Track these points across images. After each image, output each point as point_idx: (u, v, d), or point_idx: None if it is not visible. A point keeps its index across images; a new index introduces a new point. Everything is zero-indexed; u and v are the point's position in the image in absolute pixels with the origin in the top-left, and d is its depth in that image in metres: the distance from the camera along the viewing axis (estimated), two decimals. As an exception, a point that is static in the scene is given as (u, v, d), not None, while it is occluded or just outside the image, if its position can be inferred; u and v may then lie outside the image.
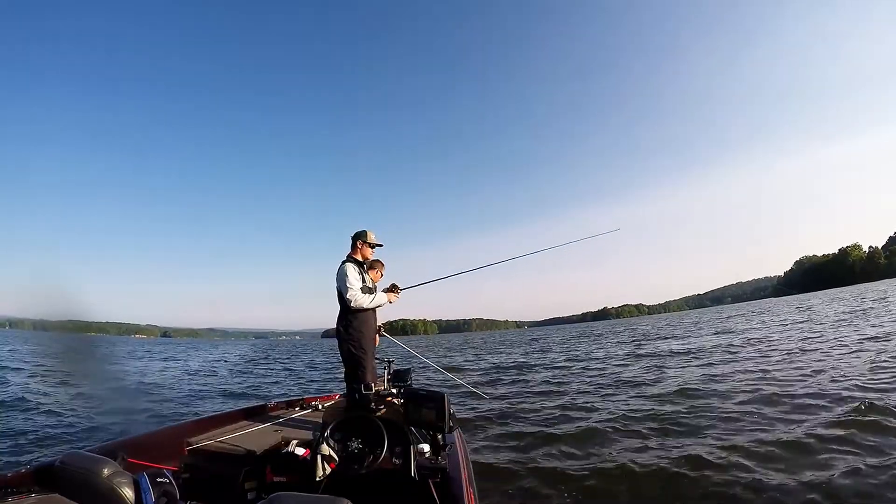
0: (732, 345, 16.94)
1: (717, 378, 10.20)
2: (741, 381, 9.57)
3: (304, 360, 28.75)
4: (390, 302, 4.86)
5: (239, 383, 15.96)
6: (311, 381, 16.54)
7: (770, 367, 10.68)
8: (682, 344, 20.16)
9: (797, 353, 12.66)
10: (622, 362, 15.77)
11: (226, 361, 27.64)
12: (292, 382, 16.21)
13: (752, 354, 13.58)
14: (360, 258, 4.76)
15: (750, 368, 10.98)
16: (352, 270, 4.54)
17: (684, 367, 12.92)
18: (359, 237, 4.78)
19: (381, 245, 4.90)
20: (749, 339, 18.00)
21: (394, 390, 4.72)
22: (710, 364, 12.65)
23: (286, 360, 28.96)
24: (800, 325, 21.59)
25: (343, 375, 4.98)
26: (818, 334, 16.73)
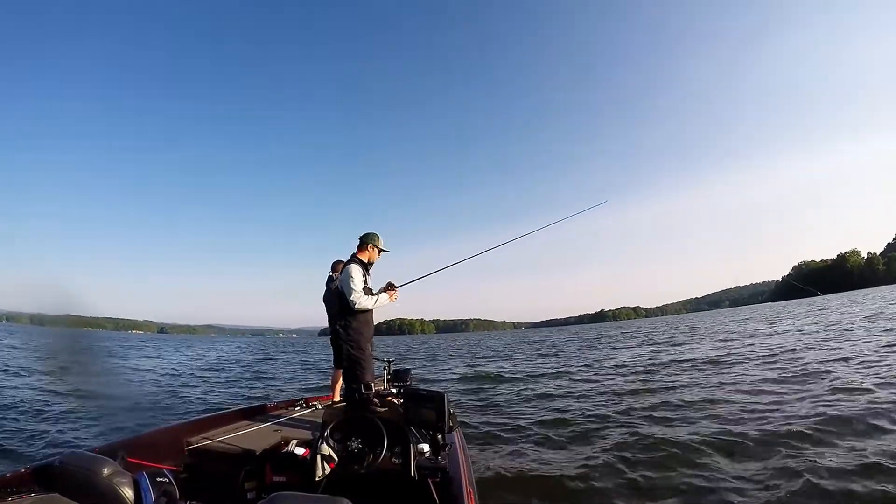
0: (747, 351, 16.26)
1: (725, 387, 9.91)
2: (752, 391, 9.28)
3: (291, 360, 27.62)
4: (391, 301, 4.79)
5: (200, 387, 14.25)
6: (274, 384, 15.35)
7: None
8: (695, 349, 19.32)
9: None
10: (630, 366, 15.22)
11: (194, 359, 26.27)
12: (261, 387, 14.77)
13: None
14: (365, 259, 4.72)
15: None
16: (357, 272, 4.48)
17: (693, 372, 12.57)
18: (370, 239, 4.73)
19: (387, 251, 4.86)
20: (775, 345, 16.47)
21: (393, 390, 4.72)
22: (718, 373, 11.97)
23: (268, 360, 27.05)
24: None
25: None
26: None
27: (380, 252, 4.79)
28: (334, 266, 5.66)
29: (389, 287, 4.85)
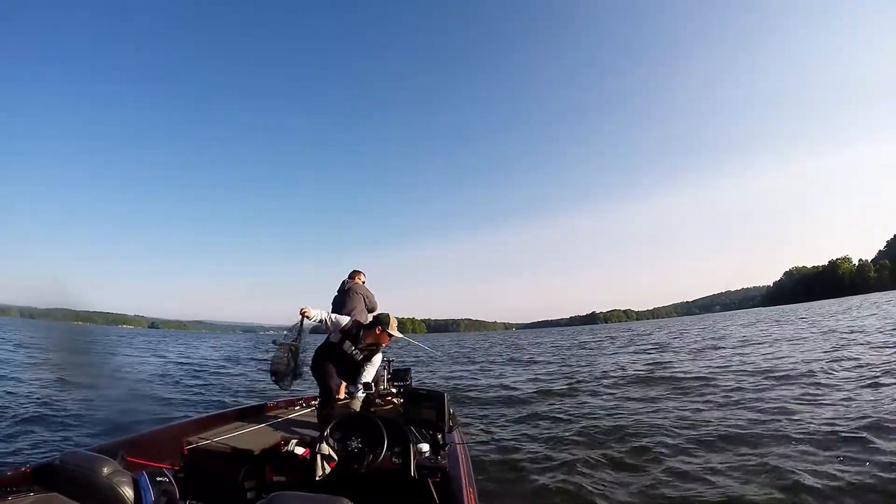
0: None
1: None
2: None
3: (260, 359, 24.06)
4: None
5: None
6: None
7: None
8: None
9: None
10: (635, 370, 14.35)
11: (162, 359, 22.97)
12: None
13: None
14: (369, 340, 4.54)
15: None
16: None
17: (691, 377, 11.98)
18: (382, 322, 4.47)
19: (394, 336, 4.55)
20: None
21: (393, 389, 4.71)
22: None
23: (235, 362, 23.62)
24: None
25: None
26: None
27: (389, 337, 4.49)
28: (353, 275, 5.83)
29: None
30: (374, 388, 4.45)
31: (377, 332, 4.40)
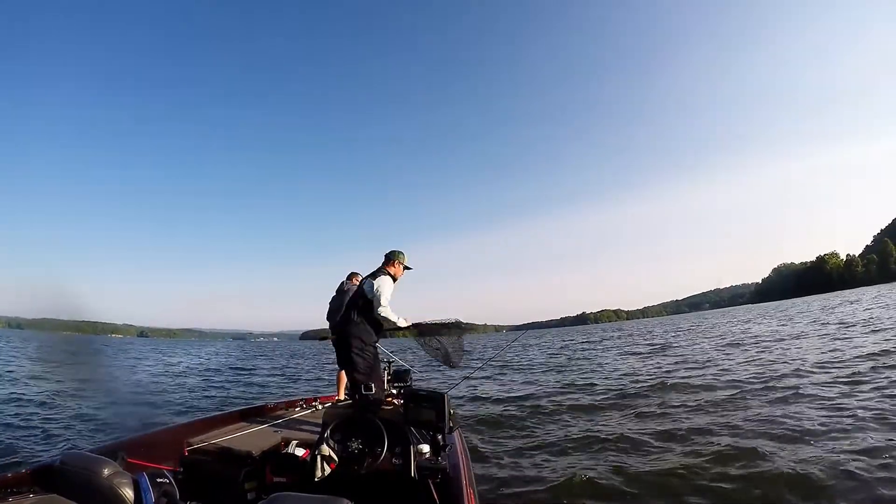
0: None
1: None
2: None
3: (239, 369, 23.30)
4: (403, 325, 4.88)
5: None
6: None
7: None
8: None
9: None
10: (638, 373, 14.13)
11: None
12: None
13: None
14: (393, 274, 4.84)
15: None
16: (390, 285, 4.66)
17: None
18: (396, 256, 4.87)
19: (411, 269, 5.01)
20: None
21: (394, 390, 4.71)
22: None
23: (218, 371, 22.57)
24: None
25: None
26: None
27: (404, 269, 4.92)
28: (350, 276, 5.99)
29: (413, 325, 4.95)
30: (374, 389, 4.45)
31: (395, 265, 4.80)
